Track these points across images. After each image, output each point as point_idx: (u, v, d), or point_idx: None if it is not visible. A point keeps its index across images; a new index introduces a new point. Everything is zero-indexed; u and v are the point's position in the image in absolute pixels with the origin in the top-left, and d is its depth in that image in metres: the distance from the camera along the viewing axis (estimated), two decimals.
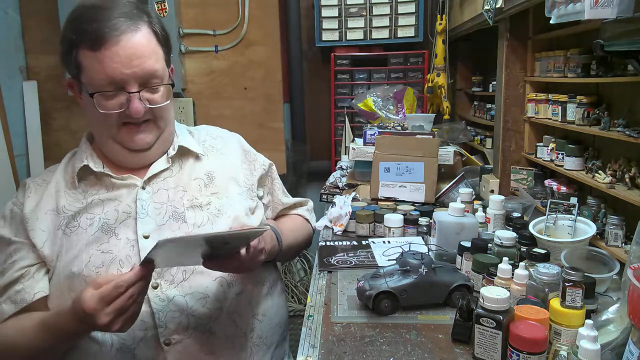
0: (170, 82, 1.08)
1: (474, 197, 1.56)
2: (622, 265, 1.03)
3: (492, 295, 0.83)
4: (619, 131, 1.17)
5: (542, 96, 1.58)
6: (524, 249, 1.11)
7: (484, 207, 1.48)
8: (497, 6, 1.65)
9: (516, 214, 1.38)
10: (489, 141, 2.24)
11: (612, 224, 1.15)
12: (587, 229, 1.17)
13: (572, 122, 1.39)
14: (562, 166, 1.43)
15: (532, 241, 1.17)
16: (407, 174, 1.70)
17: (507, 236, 1.10)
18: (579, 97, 1.36)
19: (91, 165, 1.07)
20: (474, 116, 2.59)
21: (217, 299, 1.05)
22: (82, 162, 1.07)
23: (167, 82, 1.06)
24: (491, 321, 0.82)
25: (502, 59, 1.75)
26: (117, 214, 1.04)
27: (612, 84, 1.30)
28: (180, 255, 0.94)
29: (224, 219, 1.09)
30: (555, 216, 1.22)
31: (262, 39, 2.66)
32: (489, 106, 2.32)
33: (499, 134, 1.79)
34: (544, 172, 1.60)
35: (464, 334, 0.89)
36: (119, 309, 0.85)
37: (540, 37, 1.66)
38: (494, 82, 1.97)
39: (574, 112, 1.38)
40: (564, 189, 1.45)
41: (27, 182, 1.11)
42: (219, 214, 1.09)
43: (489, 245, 1.13)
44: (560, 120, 1.44)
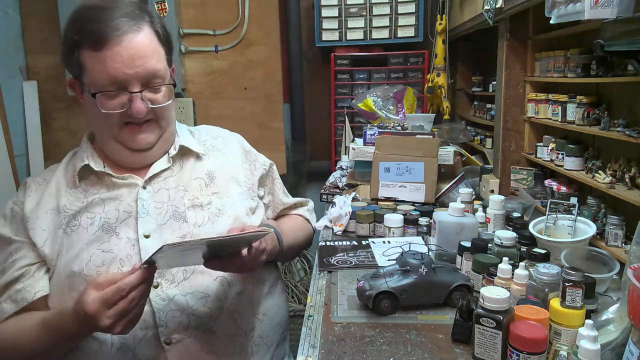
0: (171, 82, 1.08)
1: (474, 197, 1.56)
2: (622, 265, 1.03)
3: (492, 295, 0.83)
4: (619, 131, 1.17)
5: (542, 96, 1.58)
6: (524, 249, 1.11)
7: (484, 207, 1.48)
8: (497, 6, 1.65)
9: (516, 214, 1.38)
10: (489, 141, 2.24)
11: (612, 224, 1.15)
12: (587, 229, 1.17)
13: (572, 122, 1.39)
14: (562, 166, 1.43)
15: (532, 241, 1.17)
16: (407, 174, 1.70)
17: (507, 236, 1.10)
18: (579, 97, 1.36)
19: (92, 164, 1.07)
20: (474, 116, 2.59)
21: (218, 299, 1.05)
22: (83, 162, 1.07)
23: (168, 82, 1.07)
24: (491, 321, 0.82)
25: (502, 59, 1.75)
26: (117, 214, 1.04)
27: (612, 84, 1.30)
28: (182, 257, 0.95)
29: (225, 219, 1.09)
30: (555, 216, 1.22)
31: (262, 39, 2.65)
32: (489, 106, 2.32)
33: (499, 134, 1.80)
34: (544, 172, 1.60)
35: (464, 334, 0.89)
36: (121, 312, 0.85)
37: (540, 37, 1.66)
38: (494, 82, 1.96)
39: (574, 112, 1.38)
40: (564, 189, 1.45)
41: (27, 181, 1.11)
42: (219, 213, 1.09)
43: (489, 245, 1.13)
44: (560, 120, 1.44)
